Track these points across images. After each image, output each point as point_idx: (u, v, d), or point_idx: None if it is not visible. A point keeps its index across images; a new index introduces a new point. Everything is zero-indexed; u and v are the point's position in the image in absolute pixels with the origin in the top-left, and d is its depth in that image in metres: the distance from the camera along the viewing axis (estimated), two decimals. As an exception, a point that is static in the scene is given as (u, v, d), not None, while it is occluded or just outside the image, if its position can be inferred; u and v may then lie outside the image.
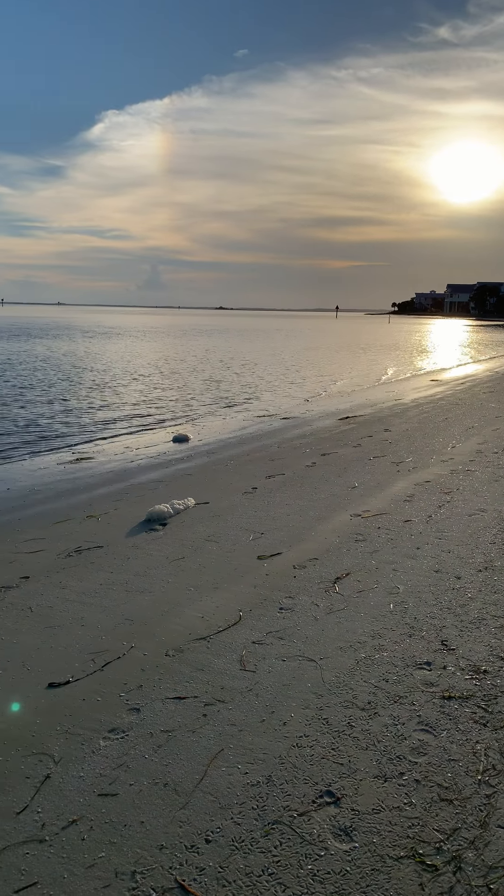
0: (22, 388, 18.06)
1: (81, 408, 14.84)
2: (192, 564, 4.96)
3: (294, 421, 12.74)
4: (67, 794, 2.56)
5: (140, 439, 11.34)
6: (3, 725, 3.00)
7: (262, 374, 23.21)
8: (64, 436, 11.60)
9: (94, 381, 20.11)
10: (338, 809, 2.46)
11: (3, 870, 2.22)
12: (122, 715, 3.07)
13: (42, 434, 11.74)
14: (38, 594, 4.49)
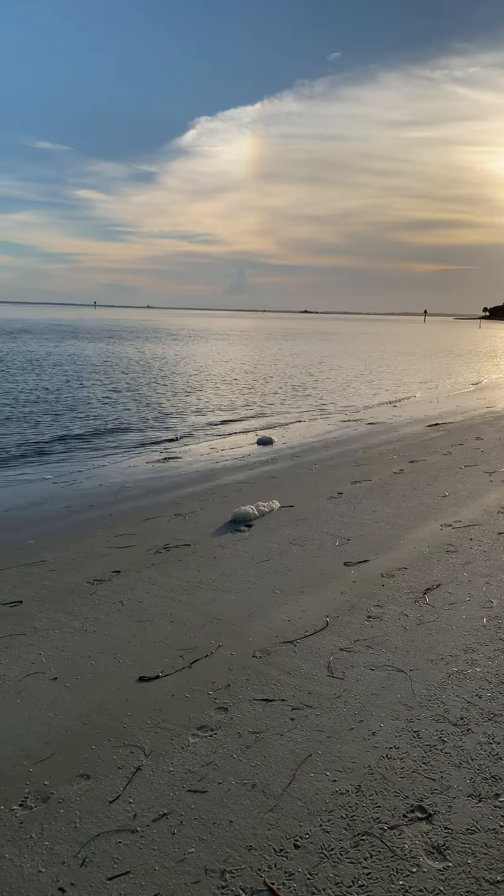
0: (113, 389, 18.61)
1: (168, 408, 15.15)
2: (278, 567, 4.95)
3: (380, 426, 12.56)
4: (158, 788, 2.60)
5: (225, 441, 11.46)
6: (96, 715, 3.08)
7: (348, 379, 23.02)
8: (152, 435, 11.86)
9: (180, 383, 20.49)
10: (430, 826, 2.39)
11: (96, 856, 2.27)
12: (211, 713, 3.10)
13: (131, 433, 12.05)
14: (128, 588, 4.60)
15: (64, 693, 3.27)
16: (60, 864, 2.24)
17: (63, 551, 5.45)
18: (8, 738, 2.92)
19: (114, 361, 28.09)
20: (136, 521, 6.33)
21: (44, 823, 2.42)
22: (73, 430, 12.08)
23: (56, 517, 6.63)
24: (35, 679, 3.41)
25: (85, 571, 4.95)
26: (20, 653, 3.69)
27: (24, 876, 2.20)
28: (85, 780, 2.65)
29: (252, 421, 13.73)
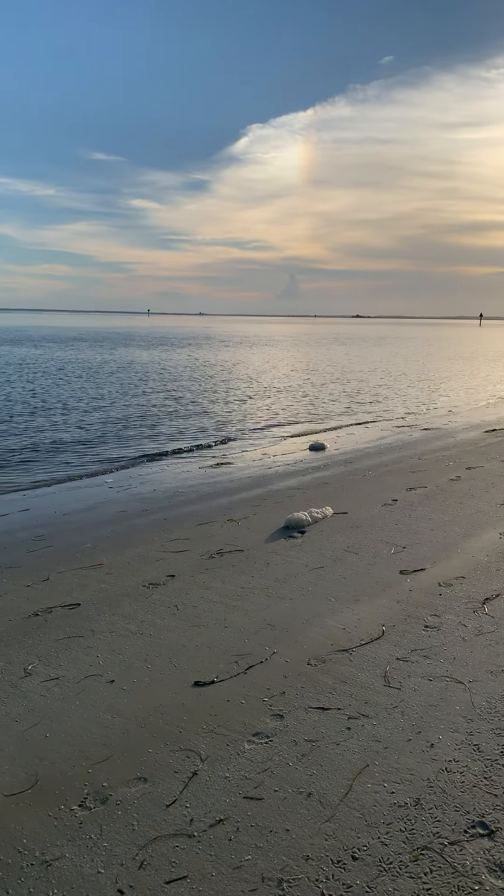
0: (165, 395, 18.84)
1: (220, 414, 15.24)
2: (332, 574, 4.92)
3: (436, 432, 12.36)
4: (214, 793, 2.61)
5: (277, 446, 11.46)
6: (152, 719, 3.11)
7: (401, 384, 22.75)
8: (204, 441, 11.95)
9: (232, 389, 20.60)
10: (492, 843, 2.33)
11: (154, 859, 2.29)
12: (266, 720, 3.09)
13: (184, 439, 12.16)
14: (183, 593, 4.63)
15: (121, 696, 3.32)
16: (119, 866, 2.26)
17: (119, 555, 5.53)
18: (67, 739, 2.98)
19: (166, 368, 28.44)
20: (189, 526, 6.38)
21: (102, 824, 2.45)
22: (126, 436, 12.26)
23: (112, 521, 6.74)
24: (93, 681, 3.46)
25: (140, 575, 5.02)
26: (78, 655, 3.75)
27: (84, 876, 2.23)
28: (142, 782, 2.68)
29: (304, 426, 13.70)
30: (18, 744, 2.95)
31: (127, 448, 11.20)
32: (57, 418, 14.21)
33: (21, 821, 2.48)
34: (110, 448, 11.16)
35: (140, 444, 11.61)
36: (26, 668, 3.61)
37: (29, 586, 4.84)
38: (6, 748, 2.92)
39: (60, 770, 2.77)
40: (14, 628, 4.13)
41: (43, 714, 3.17)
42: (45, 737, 3.00)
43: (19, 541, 6.05)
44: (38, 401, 16.97)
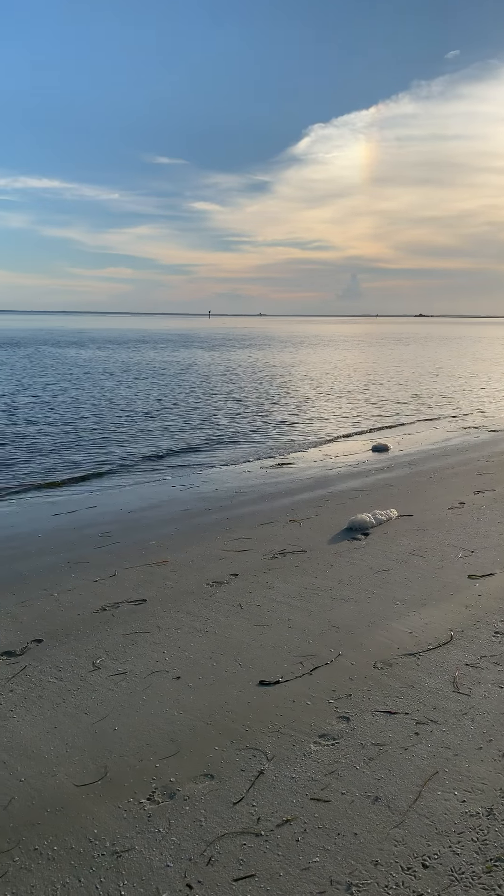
0: (225, 396, 18.96)
1: (280, 414, 15.23)
2: (398, 577, 4.84)
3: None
4: (281, 793, 2.60)
5: (338, 447, 11.37)
6: (218, 716, 3.13)
7: (467, 385, 22.26)
8: (265, 441, 11.96)
9: (291, 390, 20.57)
10: None
11: (222, 856, 2.30)
12: (332, 722, 3.06)
13: (245, 439, 12.21)
14: (246, 592, 4.64)
15: (187, 692, 3.34)
16: (187, 861, 2.28)
17: (183, 552, 5.59)
18: (135, 733, 3.02)
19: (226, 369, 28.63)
20: (251, 526, 6.39)
21: (171, 819, 2.48)
22: (188, 436, 12.40)
23: (175, 519, 6.82)
24: (159, 677, 3.51)
25: (204, 573, 5.05)
26: (145, 650, 3.81)
27: (153, 868, 2.26)
28: (209, 779, 2.69)
29: (366, 427, 13.55)
30: (88, 736, 3.01)
31: (189, 447, 11.31)
32: (122, 418, 14.48)
33: (91, 811, 2.53)
34: (172, 447, 11.30)
35: (202, 443, 11.71)
36: (95, 661, 3.69)
37: (97, 581, 4.94)
38: (76, 739, 2.98)
39: (129, 763, 2.81)
40: (83, 622, 4.22)
41: (111, 707, 3.23)
42: (114, 730, 3.05)
43: (87, 537, 6.18)
44: (105, 401, 17.34)
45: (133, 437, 12.27)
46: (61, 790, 2.65)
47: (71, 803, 2.57)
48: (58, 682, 3.49)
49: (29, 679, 3.52)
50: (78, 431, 12.72)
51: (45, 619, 4.28)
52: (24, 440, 11.74)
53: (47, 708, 3.24)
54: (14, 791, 2.65)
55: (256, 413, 15.48)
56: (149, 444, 11.64)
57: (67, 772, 2.76)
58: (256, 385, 21.85)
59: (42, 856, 2.32)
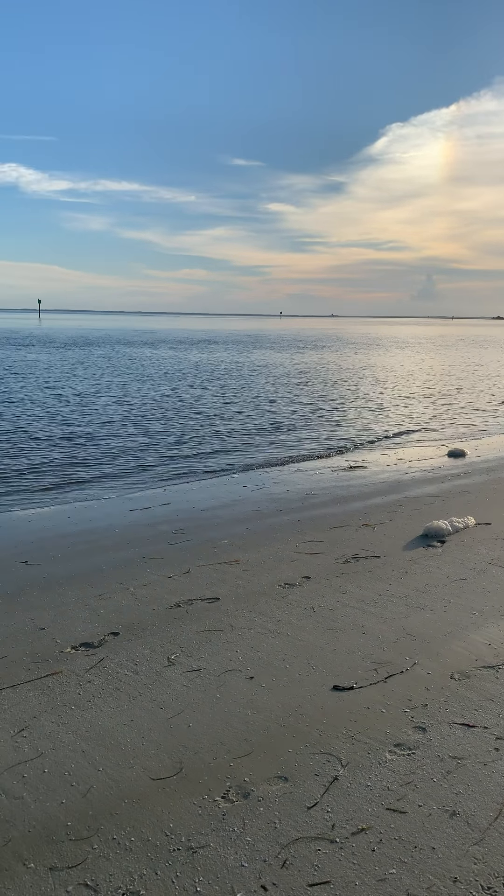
0: (295, 397, 18.94)
1: (352, 417, 15.09)
2: (476, 587, 4.72)
3: None
4: (355, 801, 2.57)
5: (413, 451, 11.18)
6: (291, 719, 3.12)
7: (545, 390, 21.49)
8: (337, 444, 11.88)
9: (363, 392, 20.34)
10: None
11: (297, 860, 2.29)
12: (408, 732, 3.01)
13: (316, 441, 12.15)
14: (319, 595, 4.62)
15: (260, 693, 3.35)
16: (262, 862, 2.28)
17: (255, 552, 5.60)
18: (209, 731, 3.05)
19: (297, 370, 28.58)
20: (323, 529, 6.35)
21: (245, 819, 2.49)
22: (259, 436, 12.44)
23: (247, 519, 6.84)
24: (233, 676, 3.53)
25: (276, 574, 5.06)
26: (219, 648, 3.84)
27: (228, 867, 2.27)
28: (283, 781, 2.69)
29: (441, 432, 13.27)
30: (164, 730, 3.05)
31: (258, 448, 11.35)
32: (192, 418, 14.66)
33: (167, 805, 2.57)
34: (242, 447, 11.36)
35: (272, 444, 11.73)
36: (169, 657, 3.74)
37: (171, 578, 5.01)
38: (152, 733, 3.03)
39: (203, 760, 2.83)
40: (157, 617, 4.29)
41: (186, 703, 3.27)
42: (188, 726, 3.08)
43: (161, 533, 6.28)
44: (177, 401, 17.60)
45: (204, 436, 12.40)
46: (138, 782, 2.70)
47: (147, 796, 2.62)
48: (134, 675, 3.55)
49: (106, 671, 3.61)
50: (150, 430, 12.95)
51: (121, 613, 4.38)
52: (100, 438, 12.04)
53: (124, 700, 3.31)
54: (93, 780, 2.72)
55: (327, 415, 15.40)
56: (219, 443, 11.74)
57: (144, 764, 2.81)
58: (327, 387, 21.72)
59: (120, 846, 2.37)
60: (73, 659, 3.75)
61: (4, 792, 2.65)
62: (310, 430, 13.25)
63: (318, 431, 13.17)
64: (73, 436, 12.10)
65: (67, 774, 2.75)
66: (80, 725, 3.10)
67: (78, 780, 2.71)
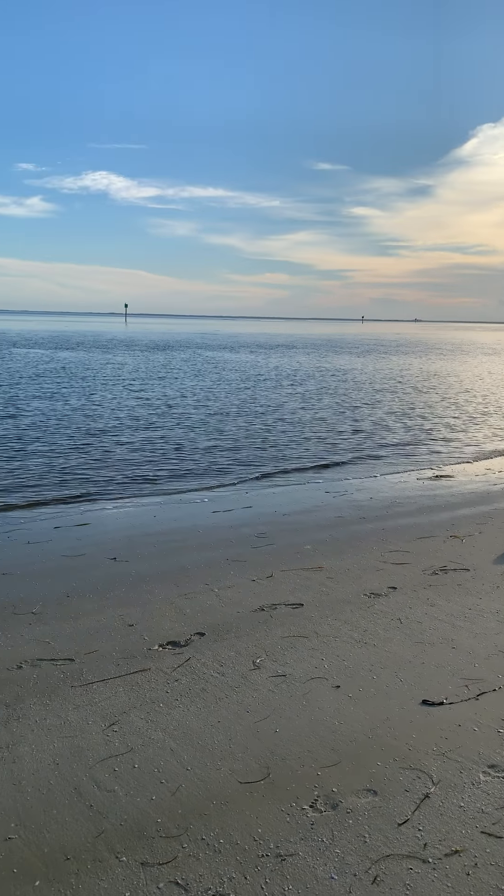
0: (379, 403, 18.68)
1: (437, 424, 14.75)
2: None
3: None
4: (448, 821, 2.49)
5: (502, 462, 10.81)
6: (380, 731, 3.06)
7: None
8: (421, 452, 11.64)
9: (448, 399, 19.85)
10: None
11: (388, 877, 2.24)
12: (503, 753, 2.89)
13: (400, 448, 11.95)
14: (406, 607, 4.52)
15: (347, 703, 3.31)
16: (352, 876, 2.24)
17: (338, 560, 5.55)
18: (295, 738, 3.03)
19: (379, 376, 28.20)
20: (409, 539, 6.22)
21: (334, 830, 2.45)
22: (341, 442, 12.34)
23: (330, 525, 6.79)
24: (319, 684, 3.49)
25: (361, 583, 4.99)
26: (303, 655, 3.81)
27: (318, 878, 2.24)
28: (372, 795, 2.64)
29: (530, 442, 12.79)
30: (250, 734, 3.06)
31: (340, 454, 11.25)
32: (273, 423, 14.69)
33: (255, 810, 2.56)
34: (324, 453, 11.29)
35: (354, 450, 11.61)
36: (255, 660, 3.75)
37: (254, 581, 5.03)
38: (239, 736, 3.04)
39: (290, 767, 2.82)
40: (242, 620, 4.31)
41: (272, 709, 3.26)
42: (275, 731, 3.07)
43: (244, 536, 6.31)
44: (258, 405, 17.69)
45: (285, 441, 12.40)
46: (226, 785, 2.71)
47: (235, 799, 2.62)
48: (220, 676, 3.58)
49: (193, 671, 3.64)
50: (231, 434, 13.06)
51: (206, 613, 4.42)
52: (182, 441, 12.24)
53: (210, 701, 3.33)
54: (181, 778, 2.75)
55: (412, 422, 15.11)
56: (300, 449, 11.71)
57: (231, 767, 2.82)
58: (412, 394, 21.33)
59: (209, 847, 2.38)
60: (161, 657, 3.81)
61: (97, 784, 2.71)
62: (393, 438, 13.04)
63: (402, 439, 12.95)
64: (156, 438, 12.35)
65: (157, 771, 2.79)
66: (168, 723, 3.15)
67: (167, 778, 2.75)
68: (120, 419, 14.42)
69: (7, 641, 4.00)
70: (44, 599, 4.67)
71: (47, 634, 4.10)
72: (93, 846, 2.38)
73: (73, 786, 2.71)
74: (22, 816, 2.53)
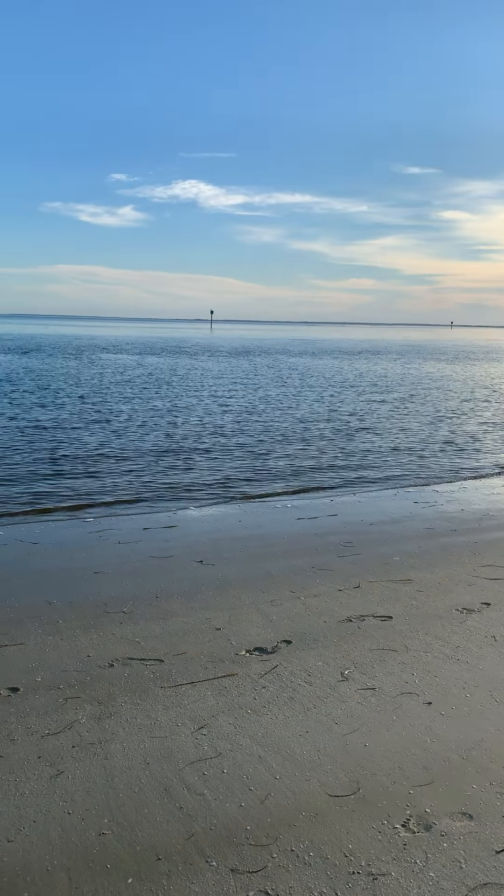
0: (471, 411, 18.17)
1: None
2: None
3: None
4: (551, 853, 2.37)
5: None
6: (475, 752, 2.95)
7: None
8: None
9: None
10: None
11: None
12: None
13: (493, 458, 11.56)
14: (500, 624, 4.36)
15: (440, 721, 3.21)
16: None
17: (428, 573, 5.41)
18: (386, 753, 2.96)
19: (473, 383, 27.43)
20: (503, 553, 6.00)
21: (427, 852, 2.38)
22: (429, 451, 12.06)
23: (418, 537, 6.63)
24: (409, 699, 3.41)
25: (452, 597, 4.84)
26: (393, 669, 3.73)
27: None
28: (467, 819, 2.55)
29: None
30: (339, 746, 3.01)
31: (429, 463, 10.99)
32: (358, 430, 14.53)
33: (345, 825, 2.52)
34: (412, 462, 11.07)
35: (444, 460, 11.32)
36: (343, 672, 3.70)
37: (341, 591, 4.97)
38: (328, 748, 3.00)
39: (381, 784, 2.76)
40: (329, 630, 4.26)
41: (361, 722, 3.20)
42: (364, 746, 3.02)
43: (329, 545, 6.25)
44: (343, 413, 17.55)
45: (371, 449, 12.23)
46: (315, 797, 2.68)
47: (325, 812, 2.59)
48: (308, 686, 3.55)
49: (280, 678, 3.63)
50: (314, 441, 12.99)
51: (293, 621, 4.40)
52: (265, 447, 12.28)
53: (298, 711, 3.31)
54: (270, 787, 2.74)
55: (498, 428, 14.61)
56: (388, 456, 11.52)
57: (320, 779, 2.78)
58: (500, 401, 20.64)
59: (299, 859, 2.35)
60: (248, 662, 3.82)
61: (186, 786, 2.74)
62: (484, 448, 12.64)
63: (494, 448, 12.53)
64: (240, 444, 12.44)
65: (245, 778, 2.79)
66: (256, 730, 3.14)
67: (256, 786, 2.74)
68: (204, 424, 14.62)
69: (99, 639, 4.11)
70: (134, 599, 4.77)
71: (137, 634, 4.19)
72: (183, 848, 2.40)
73: (164, 786, 2.74)
74: (115, 813, 2.58)
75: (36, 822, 2.53)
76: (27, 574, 5.34)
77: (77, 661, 3.81)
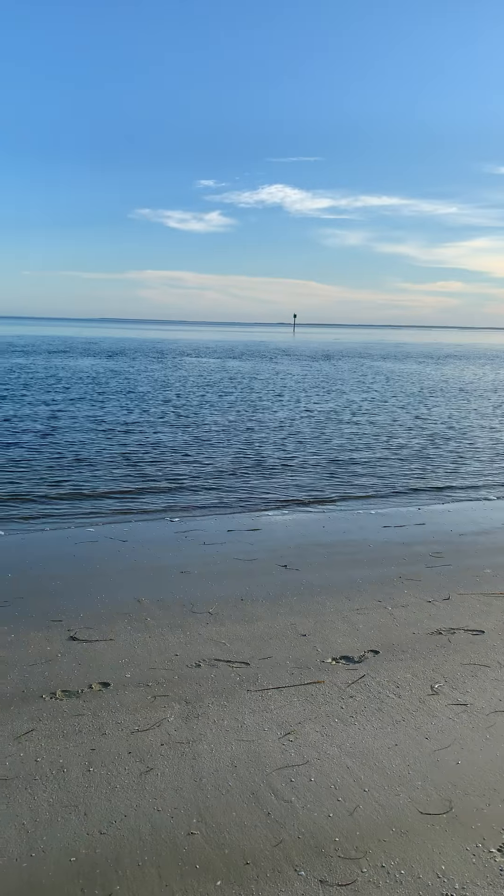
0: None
1: None
2: None
3: None
4: None
5: None
6: None
7: None
8: None
9: None
10: None
11: None
12: None
13: None
14: None
15: (537, 743, 3.07)
16: (549, 936, 2.06)
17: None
18: (479, 772, 2.86)
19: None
20: None
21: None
22: None
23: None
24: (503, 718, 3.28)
25: (548, 614, 4.63)
26: (486, 685, 3.60)
27: (509, 931, 2.09)
28: None
29: None
30: (429, 762, 2.93)
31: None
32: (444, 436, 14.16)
33: (437, 844, 2.44)
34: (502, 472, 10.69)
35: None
36: (433, 685, 3.60)
37: (430, 602, 4.84)
38: (418, 763, 2.92)
39: (474, 804, 2.66)
40: (418, 642, 4.16)
41: (452, 738, 3.11)
42: (457, 763, 2.92)
43: (417, 554, 6.11)
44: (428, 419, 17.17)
45: (461, 456, 11.90)
46: (405, 812, 2.61)
47: (416, 829, 2.52)
48: (396, 698, 3.47)
49: (367, 689, 3.57)
50: (399, 447, 12.76)
51: (380, 631, 4.32)
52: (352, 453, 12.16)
53: (387, 723, 3.24)
54: (359, 799, 2.69)
55: None
56: (477, 465, 11.18)
57: (410, 795, 2.71)
58: None
59: (389, 876, 2.30)
60: (335, 671, 3.78)
61: (274, 792, 2.73)
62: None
63: None
64: (324, 449, 12.36)
65: (333, 788, 2.75)
66: (343, 740, 3.10)
67: (344, 796, 2.70)
68: (286, 428, 14.62)
69: (186, 639, 4.16)
70: (219, 601, 4.81)
71: (223, 636, 4.22)
72: (272, 855, 2.39)
73: (251, 790, 2.74)
74: (203, 814, 2.60)
75: (127, 816, 2.58)
76: (117, 572, 5.47)
77: (165, 660, 3.87)
